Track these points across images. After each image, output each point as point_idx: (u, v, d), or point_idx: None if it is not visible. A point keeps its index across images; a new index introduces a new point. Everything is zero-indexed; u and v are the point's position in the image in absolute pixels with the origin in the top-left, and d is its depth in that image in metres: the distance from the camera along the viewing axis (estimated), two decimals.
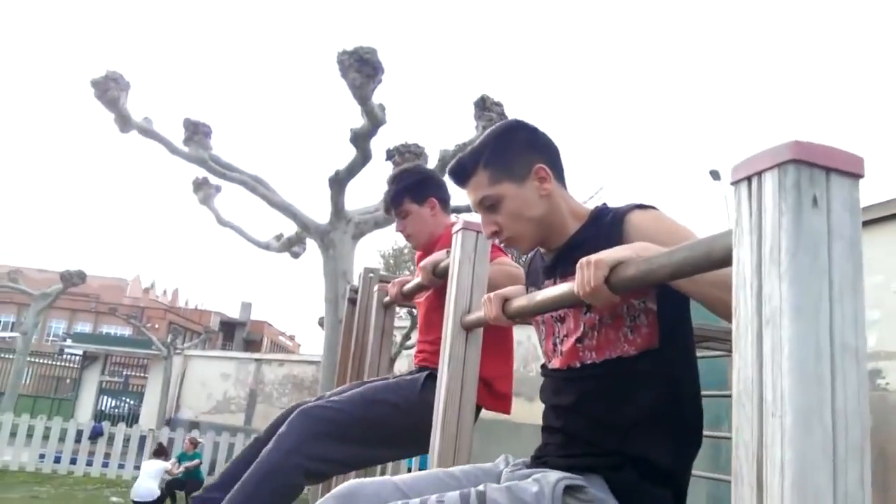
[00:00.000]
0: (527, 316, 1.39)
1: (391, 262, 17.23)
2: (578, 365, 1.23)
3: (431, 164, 5.31)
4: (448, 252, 1.85)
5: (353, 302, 3.52)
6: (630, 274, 0.98)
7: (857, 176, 0.67)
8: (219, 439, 11.07)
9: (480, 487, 1.12)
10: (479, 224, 1.66)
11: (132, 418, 17.15)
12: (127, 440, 11.03)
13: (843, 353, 0.63)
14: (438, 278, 1.98)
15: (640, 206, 1.22)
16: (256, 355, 18.32)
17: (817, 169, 0.66)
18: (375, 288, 2.88)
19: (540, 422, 1.32)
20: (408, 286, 2.34)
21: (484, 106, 4.89)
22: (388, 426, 1.92)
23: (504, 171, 1.28)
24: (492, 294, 1.47)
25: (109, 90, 4.57)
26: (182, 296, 50.57)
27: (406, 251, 16.55)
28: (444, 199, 2.26)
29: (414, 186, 2.18)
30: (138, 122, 4.94)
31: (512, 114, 4.99)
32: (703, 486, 4.13)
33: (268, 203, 5.41)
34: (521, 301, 1.36)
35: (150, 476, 8.23)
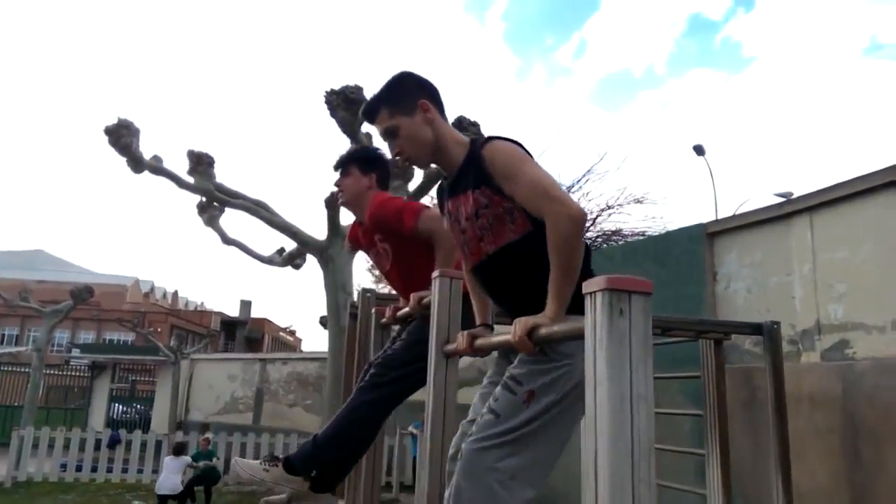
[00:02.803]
0: (485, 351, 1.87)
1: None
2: (486, 259, 1.73)
3: (417, 180, 5.81)
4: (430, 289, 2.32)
5: (353, 317, 4.00)
6: (542, 333, 1.48)
7: (648, 294, 1.16)
8: (231, 439, 11.53)
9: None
10: (455, 272, 2.14)
11: (144, 423, 17.63)
12: (143, 445, 11.52)
13: (639, 400, 1.11)
14: (424, 309, 2.47)
15: (495, 139, 1.67)
16: (261, 355, 18.79)
17: (623, 292, 1.15)
18: (373, 310, 3.37)
19: None
20: (400, 312, 2.83)
21: (461, 126, 5.34)
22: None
23: (397, 108, 1.76)
24: (464, 332, 1.94)
25: (122, 137, 4.98)
26: (181, 297, 50.82)
27: None
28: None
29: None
30: (149, 162, 5.35)
31: (488, 131, 5.44)
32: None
33: (269, 225, 5.87)
34: (481, 340, 1.85)
35: (173, 471, 8.78)
